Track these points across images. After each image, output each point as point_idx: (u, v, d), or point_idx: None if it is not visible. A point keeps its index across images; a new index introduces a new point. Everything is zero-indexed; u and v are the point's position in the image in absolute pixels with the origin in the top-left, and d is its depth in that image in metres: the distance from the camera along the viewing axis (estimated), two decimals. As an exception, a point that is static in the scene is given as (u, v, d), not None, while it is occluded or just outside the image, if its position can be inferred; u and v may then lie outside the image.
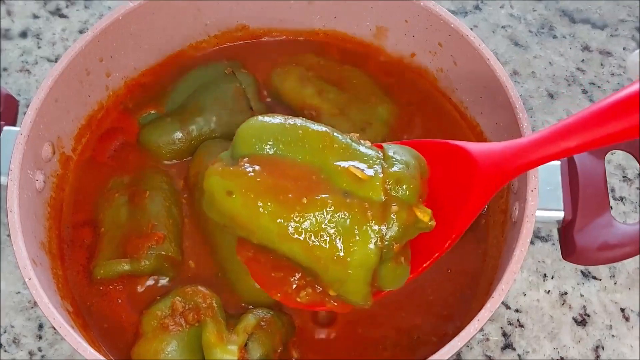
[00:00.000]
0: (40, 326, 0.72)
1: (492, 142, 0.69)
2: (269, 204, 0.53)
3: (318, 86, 0.73)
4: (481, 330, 0.70)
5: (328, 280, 0.54)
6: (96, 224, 0.69)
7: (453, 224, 0.57)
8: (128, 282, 0.67)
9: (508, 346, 0.72)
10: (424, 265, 0.58)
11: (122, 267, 0.65)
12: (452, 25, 0.69)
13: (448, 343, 0.55)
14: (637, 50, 0.64)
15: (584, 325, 0.73)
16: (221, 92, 0.73)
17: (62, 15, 0.88)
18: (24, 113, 0.64)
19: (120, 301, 0.66)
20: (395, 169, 0.54)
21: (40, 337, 0.71)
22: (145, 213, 0.67)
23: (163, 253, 0.66)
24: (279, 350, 0.62)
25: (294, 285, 0.56)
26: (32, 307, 0.72)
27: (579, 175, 0.65)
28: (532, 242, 0.76)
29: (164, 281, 0.67)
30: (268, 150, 0.55)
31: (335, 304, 0.56)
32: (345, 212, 0.52)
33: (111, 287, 0.67)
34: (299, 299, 0.56)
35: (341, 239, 0.52)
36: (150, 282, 0.67)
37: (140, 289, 0.67)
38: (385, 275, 0.54)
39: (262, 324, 0.61)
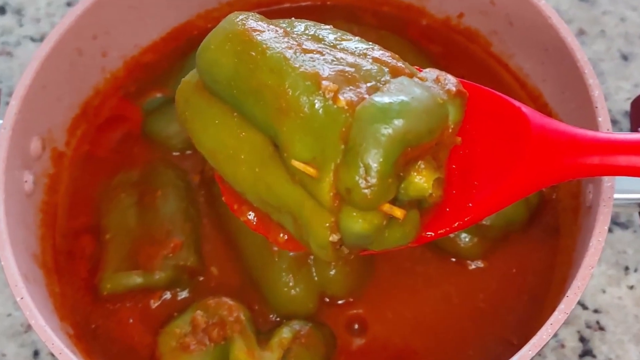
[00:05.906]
0: (36, 353, 0.70)
1: (559, 115, 0.69)
2: None
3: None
4: (555, 335, 0.66)
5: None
6: (99, 231, 0.67)
7: (470, 204, 0.48)
8: (140, 297, 0.65)
9: (587, 353, 0.69)
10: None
11: (133, 280, 0.64)
12: (506, -22, 0.68)
13: (517, 353, 0.53)
14: None
15: (677, 325, 0.70)
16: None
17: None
18: (7, 103, 0.62)
19: (131, 320, 0.65)
20: None
21: (38, 365, 0.70)
22: (158, 215, 0.66)
23: (181, 263, 0.64)
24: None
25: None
26: (26, 331, 0.70)
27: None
28: (610, 230, 0.73)
29: (182, 294, 0.65)
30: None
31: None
32: None
33: (120, 304, 0.65)
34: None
35: None
36: (166, 296, 0.65)
37: (154, 304, 0.65)
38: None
39: (300, 338, 0.60)
